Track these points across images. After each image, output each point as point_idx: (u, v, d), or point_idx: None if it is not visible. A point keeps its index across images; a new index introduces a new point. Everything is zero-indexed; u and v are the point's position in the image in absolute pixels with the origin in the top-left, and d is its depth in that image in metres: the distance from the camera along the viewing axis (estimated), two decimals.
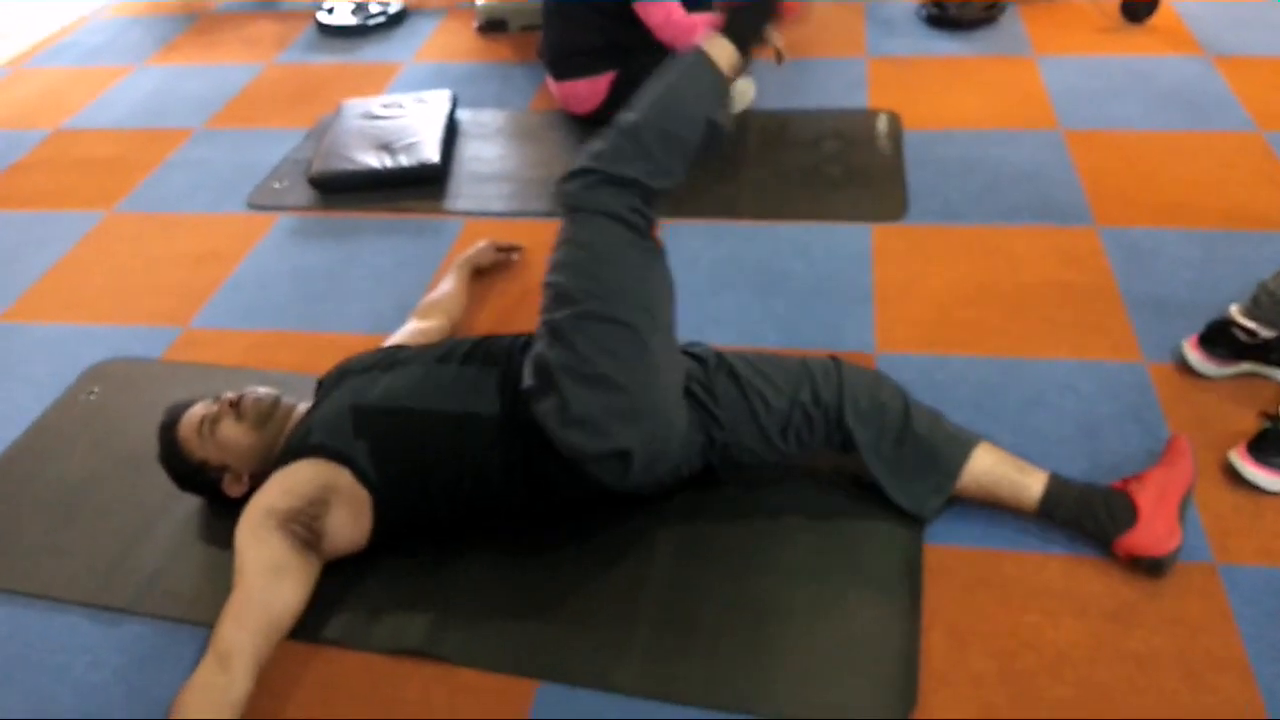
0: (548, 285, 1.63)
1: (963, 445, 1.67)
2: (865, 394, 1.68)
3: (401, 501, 1.63)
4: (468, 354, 1.73)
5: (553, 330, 1.58)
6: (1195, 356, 1.95)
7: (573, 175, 1.66)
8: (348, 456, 1.61)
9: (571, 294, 1.58)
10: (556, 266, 1.64)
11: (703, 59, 1.74)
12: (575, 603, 1.64)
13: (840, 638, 1.55)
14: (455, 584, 1.68)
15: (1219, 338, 1.92)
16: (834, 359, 1.74)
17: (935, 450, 1.66)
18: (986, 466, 1.66)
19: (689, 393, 1.67)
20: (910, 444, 1.66)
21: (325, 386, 1.79)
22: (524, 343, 1.73)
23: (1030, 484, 1.65)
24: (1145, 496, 1.61)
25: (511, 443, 1.61)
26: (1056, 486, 1.65)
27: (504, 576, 1.69)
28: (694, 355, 1.76)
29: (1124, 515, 1.60)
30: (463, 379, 1.68)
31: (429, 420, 1.63)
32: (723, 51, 1.75)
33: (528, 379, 1.60)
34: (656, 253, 1.69)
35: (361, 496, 1.61)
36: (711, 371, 1.71)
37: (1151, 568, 1.59)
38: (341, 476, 1.60)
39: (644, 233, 1.65)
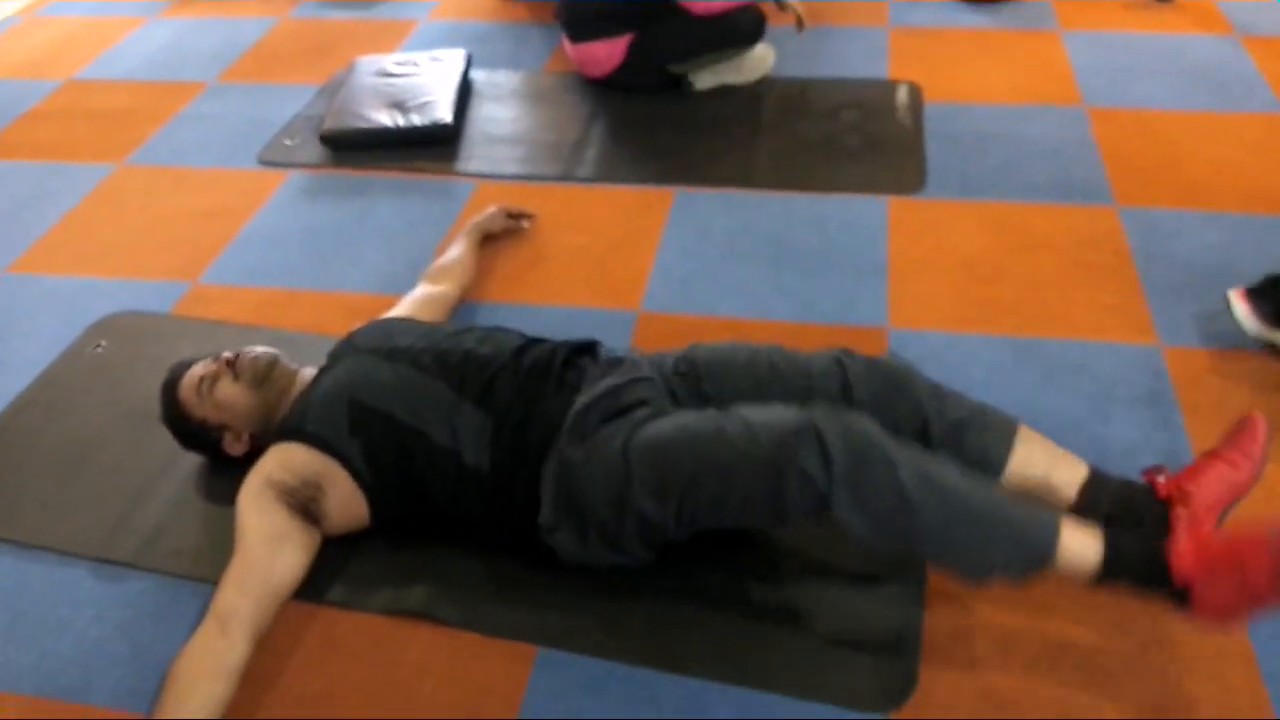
0: (660, 462, 1.44)
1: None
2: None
3: (398, 503, 1.62)
4: (471, 379, 1.61)
5: (620, 501, 1.46)
6: (1241, 307, 1.90)
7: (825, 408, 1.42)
8: (343, 454, 1.58)
9: (671, 493, 1.43)
10: (694, 472, 1.42)
11: (1048, 548, 1.34)
12: (578, 570, 1.63)
13: (843, 616, 1.54)
14: (457, 548, 1.67)
15: (1270, 294, 1.88)
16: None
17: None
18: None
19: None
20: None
21: (331, 357, 1.75)
22: (526, 373, 1.62)
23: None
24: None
25: (494, 504, 1.57)
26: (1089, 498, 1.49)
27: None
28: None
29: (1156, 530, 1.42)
30: (461, 416, 1.58)
31: (426, 447, 1.58)
32: (1081, 550, 1.34)
33: (549, 511, 1.51)
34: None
35: (356, 492, 1.60)
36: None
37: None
38: (335, 470, 1.58)
39: (782, 516, 1.44)
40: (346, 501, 1.60)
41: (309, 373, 1.76)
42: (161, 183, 2.74)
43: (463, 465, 1.57)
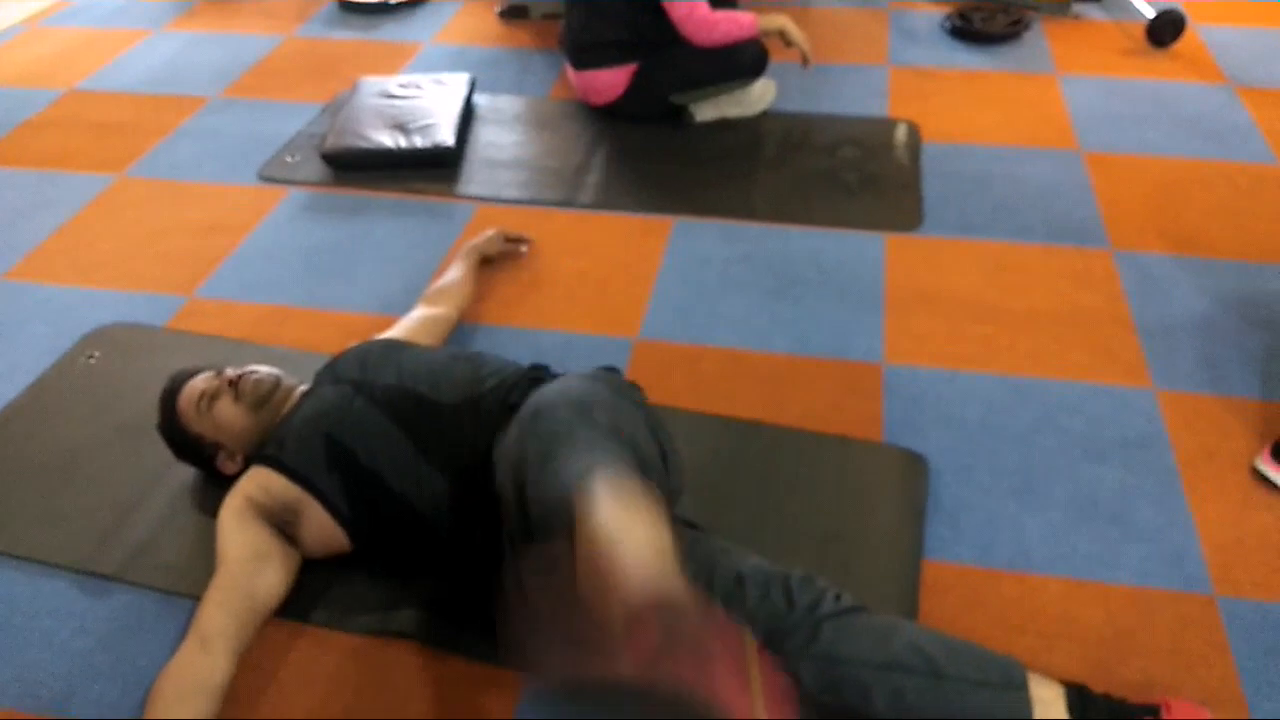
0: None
1: None
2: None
3: (374, 537, 1.60)
4: (433, 432, 1.57)
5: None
6: (1270, 470, 1.78)
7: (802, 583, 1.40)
8: (318, 489, 1.56)
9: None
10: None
11: (1018, 689, 1.32)
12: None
13: None
14: (443, 570, 1.66)
15: None
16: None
17: None
18: None
19: None
20: None
21: (316, 379, 1.73)
22: (487, 431, 1.54)
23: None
24: None
25: (458, 552, 1.56)
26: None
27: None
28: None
29: None
30: (421, 474, 1.55)
31: (388, 493, 1.55)
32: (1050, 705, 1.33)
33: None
34: None
35: (332, 523, 1.58)
36: None
37: None
38: (310, 503, 1.57)
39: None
40: (322, 530, 1.58)
41: (302, 390, 1.75)
42: (160, 195, 2.74)
43: (421, 518, 1.55)
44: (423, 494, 1.55)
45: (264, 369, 1.74)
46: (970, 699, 1.30)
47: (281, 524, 1.57)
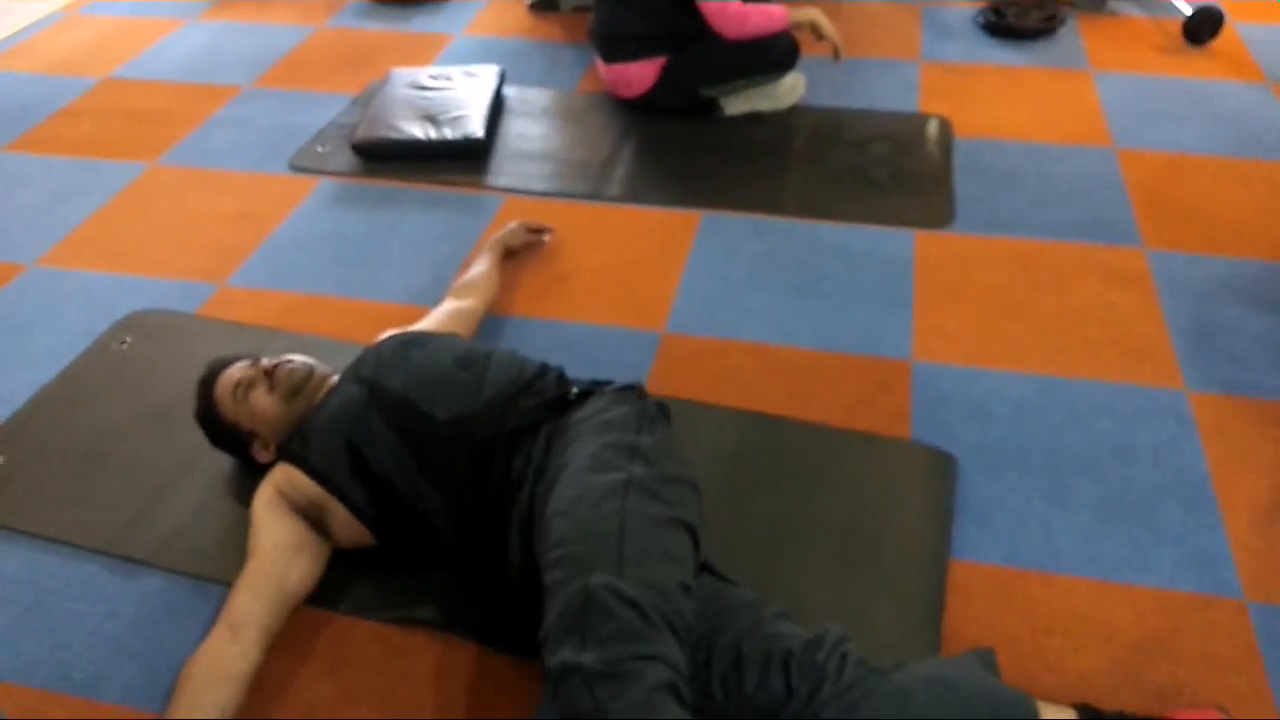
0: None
1: None
2: None
3: (400, 536, 1.62)
4: (434, 449, 1.57)
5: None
6: None
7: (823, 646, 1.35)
8: (341, 491, 1.58)
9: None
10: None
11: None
12: None
13: (860, 648, 1.52)
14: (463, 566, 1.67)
15: None
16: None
17: None
18: None
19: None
20: None
21: (344, 374, 1.73)
22: (485, 448, 1.55)
23: None
24: None
25: (468, 564, 1.59)
26: None
27: None
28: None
29: None
30: (422, 489, 1.56)
31: (411, 509, 1.57)
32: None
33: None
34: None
35: (358, 526, 1.60)
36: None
37: None
38: (336, 506, 1.58)
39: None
40: (349, 526, 1.60)
41: (332, 381, 1.76)
42: (193, 184, 2.76)
43: (430, 527, 1.57)
44: (425, 506, 1.57)
45: (299, 358, 1.75)
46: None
47: (310, 517, 1.59)
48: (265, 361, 1.72)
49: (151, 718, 1.48)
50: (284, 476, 1.61)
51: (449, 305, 2.07)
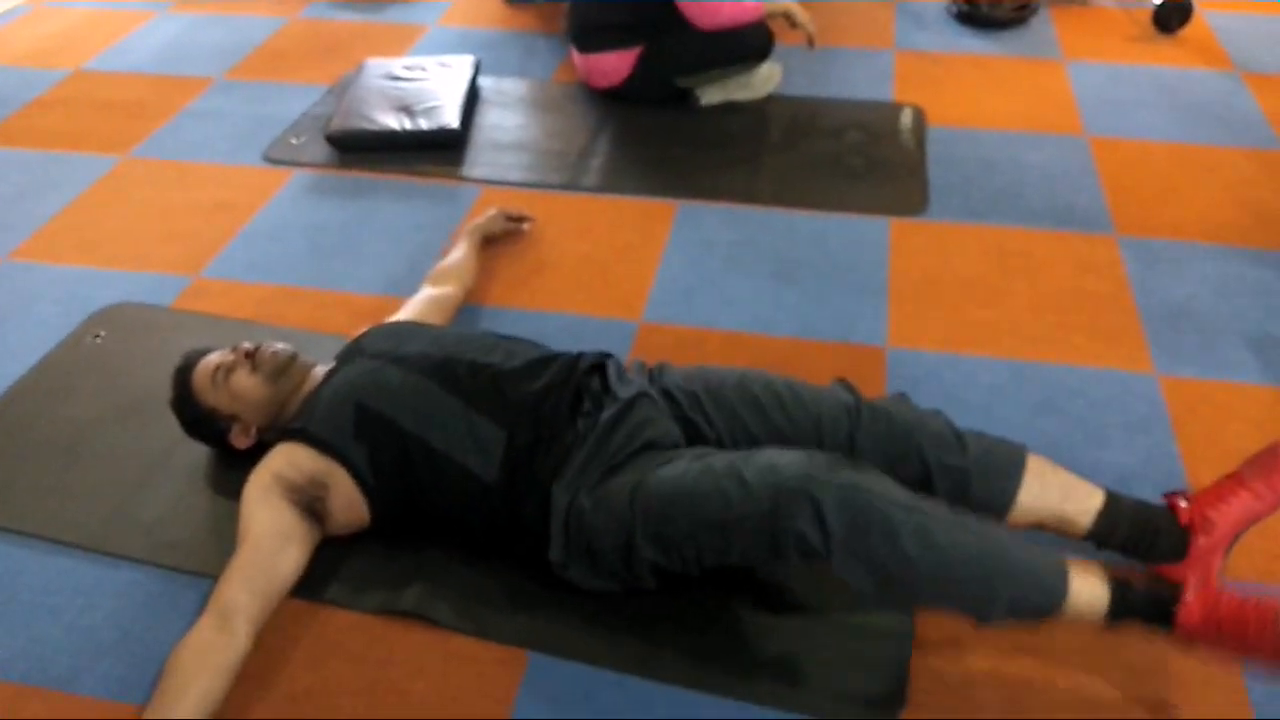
0: (666, 514, 1.43)
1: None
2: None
3: (397, 508, 1.62)
4: (481, 388, 1.61)
5: (627, 545, 1.46)
6: None
7: (830, 464, 1.40)
8: (345, 457, 1.58)
9: (672, 543, 1.44)
10: (684, 516, 1.42)
11: (1062, 582, 1.35)
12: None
13: (834, 630, 1.54)
14: (453, 552, 1.67)
15: None
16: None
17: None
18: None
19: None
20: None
21: (339, 359, 1.75)
22: (538, 392, 1.61)
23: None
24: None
25: (498, 519, 1.57)
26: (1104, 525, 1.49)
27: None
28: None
29: (1172, 549, 1.46)
30: (469, 425, 1.58)
31: (430, 456, 1.57)
32: (1091, 595, 1.36)
33: (558, 551, 1.51)
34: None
35: (357, 495, 1.60)
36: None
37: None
38: (339, 474, 1.58)
39: (776, 553, 1.38)
40: (348, 503, 1.60)
41: (320, 371, 1.76)
42: (166, 176, 2.74)
43: (469, 476, 1.56)
44: (475, 451, 1.56)
45: (280, 343, 1.76)
46: (1015, 552, 1.34)
47: (310, 499, 1.56)
48: (246, 344, 1.72)
49: (130, 709, 1.47)
50: (284, 459, 1.59)
51: (427, 292, 2.07)
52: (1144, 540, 1.48)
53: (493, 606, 1.59)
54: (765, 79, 2.99)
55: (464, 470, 1.57)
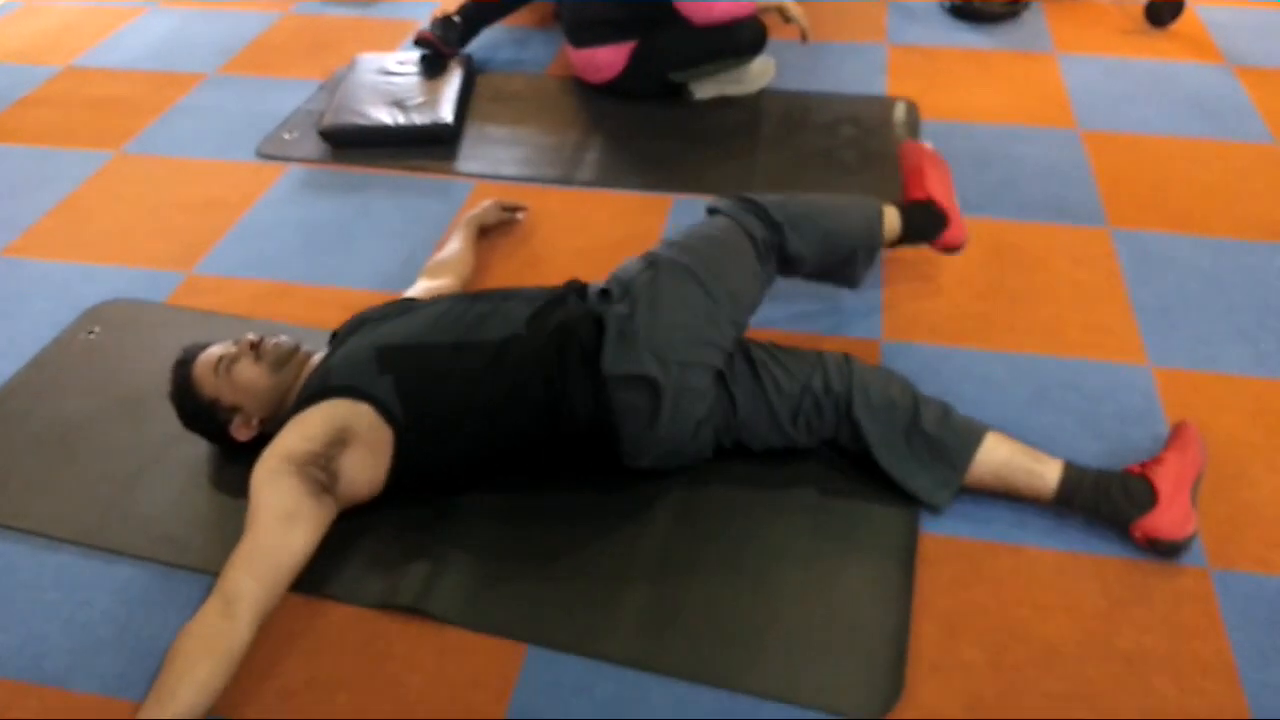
0: (666, 241, 1.82)
1: (970, 440, 1.67)
2: (876, 387, 1.70)
3: (424, 438, 1.61)
4: (492, 294, 1.79)
5: (653, 258, 1.77)
6: None
7: (732, 197, 1.90)
8: (370, 393, 1.60)
9: (686, 249, 1.77)
10: (680, 237, 1.82)
11: (877, 210, 2.00)
12: (568, 569, 1.64)
13: (831, 619, 1.55)
14: (449, 544, 1.68)
15: None
16: (846, 354, 1.75)
17: (943, 445, 1.67)
18: (1000, 459, 1.67)
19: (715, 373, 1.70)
20: (918, 440, 1.68)
21: (340, 336, 1.78)
22: (550, 293, 1.78)
23: (1045, 473, 1.66)
24: (1164, 480, 1.63)
25: (544, 358, 1.64)
26: (1072, 474, 1.66)
27: (499, 540, 1.69)
28: None
29: (1143, 498, 1.62)
30: (490, 312, 1.71)
31: (456, 349, 1.65)
32: (891, 220, 2.02)
33: (608, 284, 1.76)
34: (765, 279, 1.85)
35: (383, 434, 1.60)
36: (730, 350, 1.73)
37: (1169, 551, 1.61)
38: (362, 414, 1.59)
39: (763, 258, 1.83)
40: (370, 452, 1.59)
41: (319, 357, 1.77)
42: (158, 172, 2.74)
43: (498, 342, 1.65)
44: (508, 329, 1.67)
45: (284, 335, 1.78)
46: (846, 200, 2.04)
47: (325, 464, 1.54)
48: (250, 336, 1.73)
49: (127, 706, 1.47)
50: (295, 432, 1.58)
51: (423, 284, 2.08)
52: (1107, 494, 1.64)
53: (489, 599, 1.60)
54: (759, 73, 2.99)
55: (497, 342, 1.65)
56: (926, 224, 2.08)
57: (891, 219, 2.02)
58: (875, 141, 2.76)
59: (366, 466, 1.60)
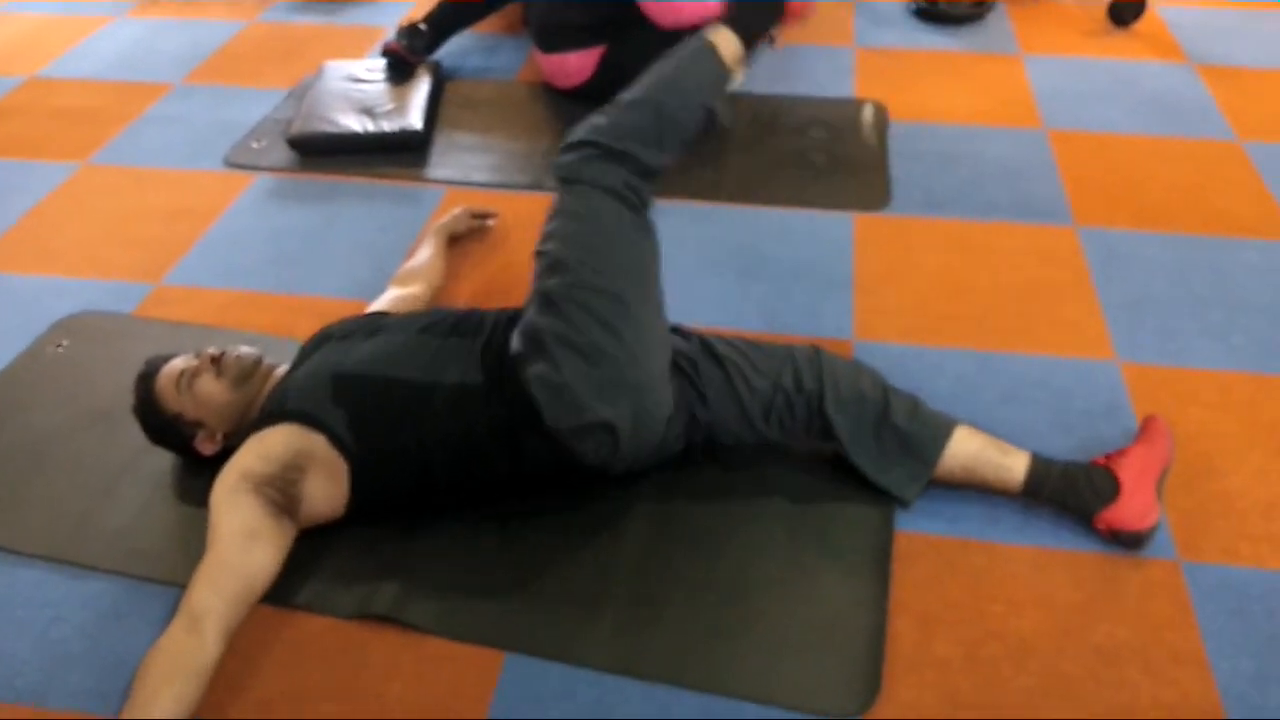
0: (540, 254, 1.66)
1: (940, 433, 1.69)
2: (846, 382, 1.70)
3: (379, 471, 1.61)
4: (453, 326, 1.72)
5: (545, 298, 1.60)
6: None
7: (570, 147, 1.70)
8: (324, 423, 1.58)
9: (565, 262, 1.61)
10: (549, 236, 1.67)
11: (706, 48, 1.84)
12: (546, 575, 1.64)
13: (808, 620, 1.56)
14: (425, 552, 1.67)
15: None
16: (815, 347, 1.76)
17: (912, 439, 1.68)
18: (969, 452, 1.69)
19: (676, 368, 1.68)
20: (888, 433, 1.68)
21: (304, 351, 1.77)
22: (509, 316, 1.72)
23: (1013, 465, 1.68)
24: (1127, 472, 1.65)
25: (494, 413, 1.59)
26: (1039, 466, 1.68)
27: (475, 547, 1.68)
28: (679, 333, 1.78)
29: (1107, 489, 1.64)
30: (446, 349, 1.66)
31: (411, 389, 1.61)
32: (727, 44, 1.85)
33: (516, 345, 1.61)
34: (648, 228, 1.72)
35: (338, 464, 1.59)
36: (695, 350, 1.73)
37: (1131, 542, 1.64)
38: (317, 443, 1.58)
39: (637, 208, 1.69)
40: (327, 480, 1.59)
41: (283, 370, 1.75)
42: (125, 183, 2.71)
43: (458, 388, 1.61)
44: (454, 367, 1.63)
45: (245, 347, 1.75)
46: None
47: (284, 486, 1.54)
48: (211, 349, 1.71)
49: (104, 719, 1.46)
50: (255, 450, 1.57)
51: (393, 293, 2.07)
52: (1073, 485, 1.66)
53: (467, 607, 1.59)
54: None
55: (451, 386, 1.60)
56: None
57: (726, 44, 1.86)
58: (844, 144, 2.77)
59: (327, 493, 1.60)
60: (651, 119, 1.73)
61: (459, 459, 1.61)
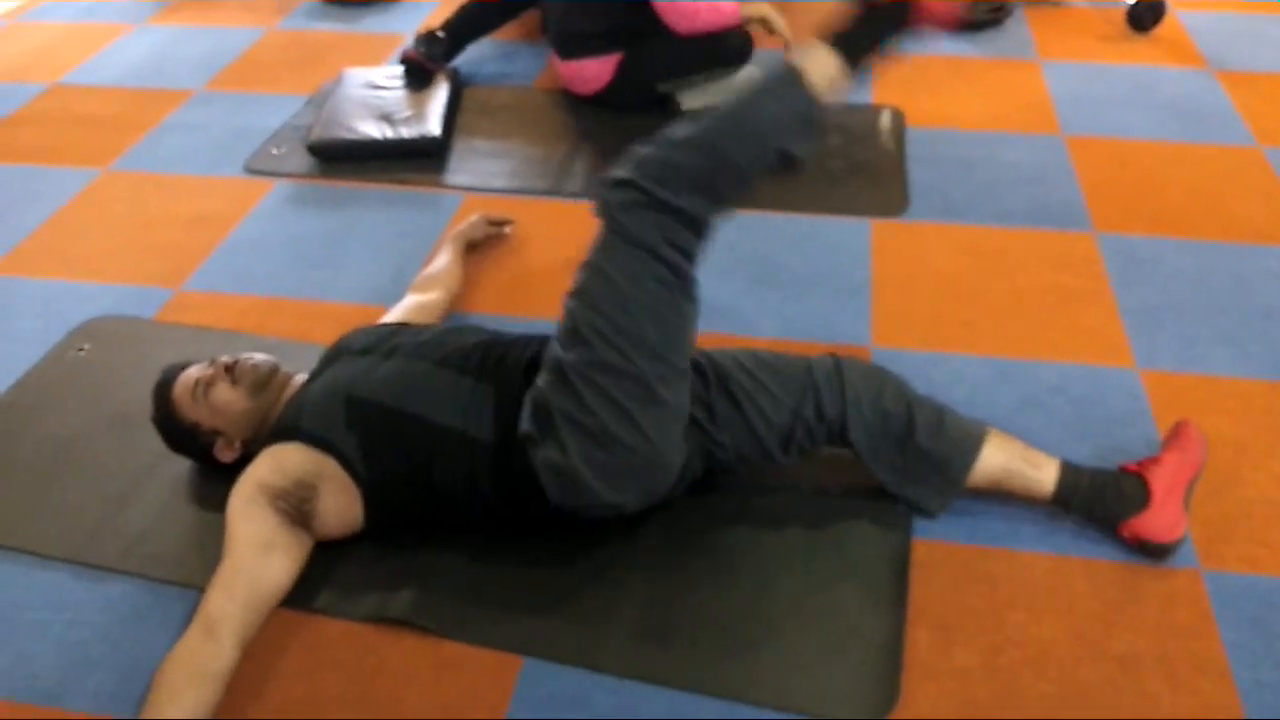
0: (566, 310, 1.54)
1: (968, 448, 1.64)
2: (869, 399, 1.63)
3: (391, 495, 1.61)
4: (472, 361, 1.64)
5: (560, 372, 1.50)
6: None
7: (615, 184, 1.52)
8: (337, 449, 1.58)
9: (585, 334, 1.48)
10: (579, 291, 1.54)
11: (794, 78, 1.55)
12: (563, 581, 1.64)
13: (826, 628, 1.55)
14: (443, 557, 1.67)
15: None
16: (835, 358, 1.68)
17: (939, 457, 1.63)
18: (997, 464, 1.65)
19: (690, 419, 1.59)
20: (913, 452, 1.63)
21: (322, 361, 1.76)
22: (530, 357, 1.63)
23: (1043, 479, 1.65)
24: (1160, 482, 1.63)
25: (502, 475, 1.56)
26: (1069, 477, 1.65)
27: (493, 552, 1.68)
28: (694, 368, 1.63)
29: (1137, 497, 1.62)
30: (462, 390, 1.59)
31: (423, 427, 1.57)
32: (824, 68, 1.55)
33: (526, 422, 1.52)
34: (687, 293, 1.53)
35: (351, 487, 1.59)
36: (712, 390, 1.63)
37: (1157, 553, 1.62)
38: (330, 466, 1.58)
39: (677, 270, 1.50)
40: (340, 500, 1.59)
41: (301, 379, 1.76)
42: (146, 189, 2.73)
43: (466, 439, 1.56)
44: (470, 414, 1.57)
45: (260, 355, 1.75)
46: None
47: (298, 503, 1.55)
48: (224, 358, 1.72)
49: None
50: (270, 465, 1.58)
51: (411, 299, 2.08)
52: (1102, 496, 1.63)
53: (484, 612, 1.59)
54: (745, 84, 2.99)
55: (464, 436, 1.56)
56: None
57: (821, 67, 1.56)
58: (862, 150, 2.77)
59: (340, 511, 1.60)
60: (703, 163, 1.49)
61: (469, 502, 1.60)
